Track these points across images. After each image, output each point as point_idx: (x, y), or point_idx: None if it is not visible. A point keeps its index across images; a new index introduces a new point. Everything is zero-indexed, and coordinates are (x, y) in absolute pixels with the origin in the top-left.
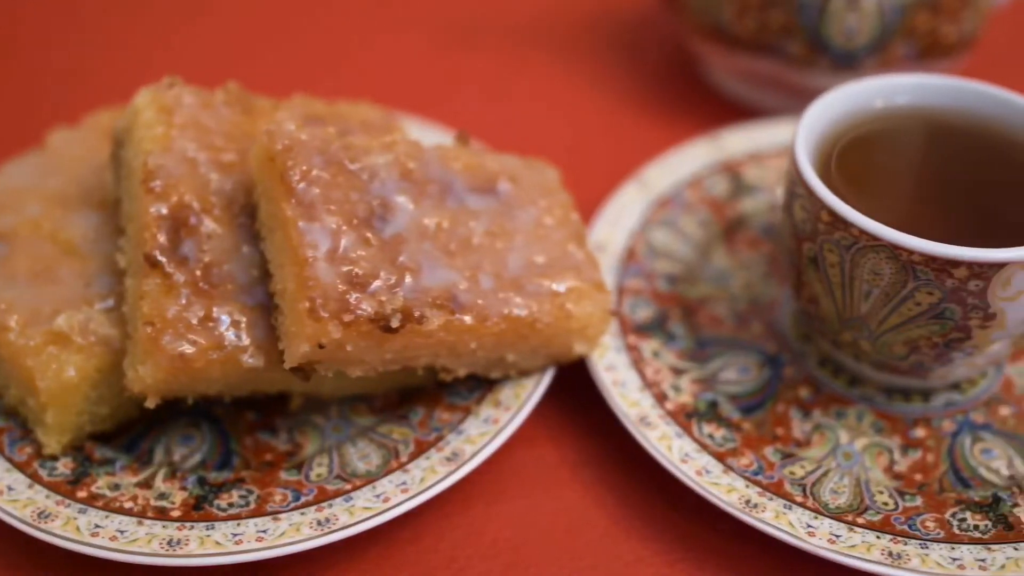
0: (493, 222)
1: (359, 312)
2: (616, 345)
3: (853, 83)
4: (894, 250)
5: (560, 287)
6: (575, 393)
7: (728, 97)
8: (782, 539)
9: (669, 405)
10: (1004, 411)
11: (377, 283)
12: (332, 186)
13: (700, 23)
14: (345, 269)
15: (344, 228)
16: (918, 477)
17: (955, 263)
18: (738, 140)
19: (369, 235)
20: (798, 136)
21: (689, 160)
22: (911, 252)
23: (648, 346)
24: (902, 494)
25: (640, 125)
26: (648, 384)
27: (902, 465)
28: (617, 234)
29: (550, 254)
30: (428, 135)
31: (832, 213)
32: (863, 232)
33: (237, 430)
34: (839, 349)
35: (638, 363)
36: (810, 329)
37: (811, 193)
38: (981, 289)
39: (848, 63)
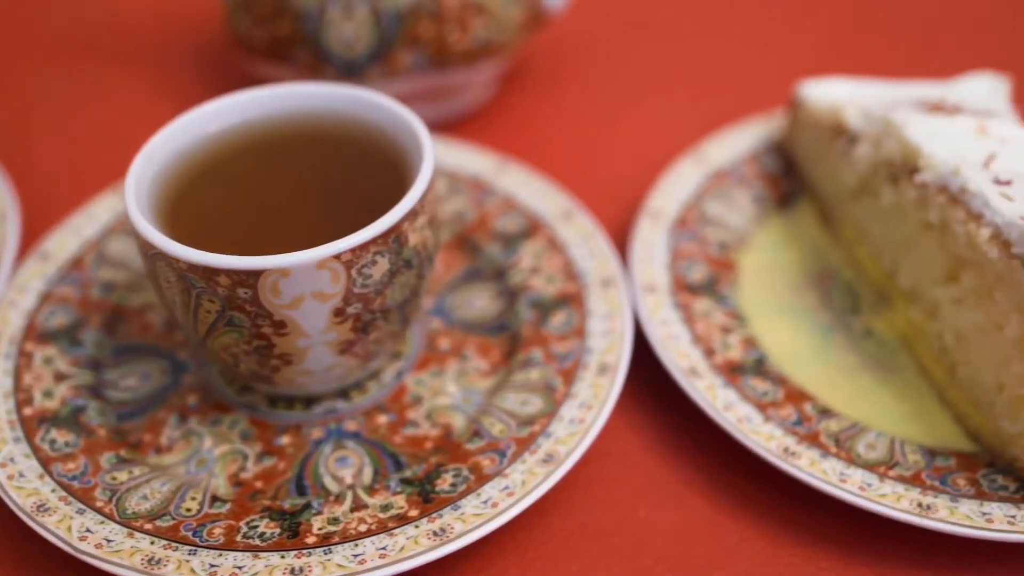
0: None
1: None
2: (8, 352)
3: (190, 111)
4: (167, 258)
5: None
6: None
7: None
8: (56, 544)
9: (28, 411)
10: (381, 419)
11: None
12: None
13: (232, 33)
14: None
15: None
16: (259, 484)
17: (215, 271)
18: None
19: None
20: (131, 168)
21: None
22: (178, 260)
23: (43, 353)
24: (215, 500)
25: None
26: (19, 390)
27: (250, 472)
28: (70, 243)
29: None
30: None
31: (133, 222)
32: (146, 241)
33: None
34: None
35: (20, 369)
36: None
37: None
38: (252, 297)
39: (352, 72)
